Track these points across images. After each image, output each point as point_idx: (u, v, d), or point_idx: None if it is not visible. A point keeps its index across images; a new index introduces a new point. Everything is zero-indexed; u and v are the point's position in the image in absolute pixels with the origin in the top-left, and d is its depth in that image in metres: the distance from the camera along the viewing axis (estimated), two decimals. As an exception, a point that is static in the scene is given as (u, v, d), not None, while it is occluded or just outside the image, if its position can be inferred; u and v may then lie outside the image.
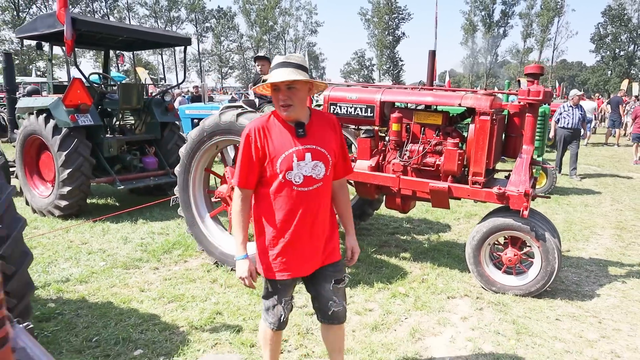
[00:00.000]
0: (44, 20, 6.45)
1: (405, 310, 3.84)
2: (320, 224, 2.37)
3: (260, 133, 2.27)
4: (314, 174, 2.28)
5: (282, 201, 2.29)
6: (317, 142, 2.31)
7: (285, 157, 2.24)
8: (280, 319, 2.48)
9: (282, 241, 2.33)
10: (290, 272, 2.36)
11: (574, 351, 3.26)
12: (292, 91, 2.21)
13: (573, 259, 5.12)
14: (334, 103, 4.74)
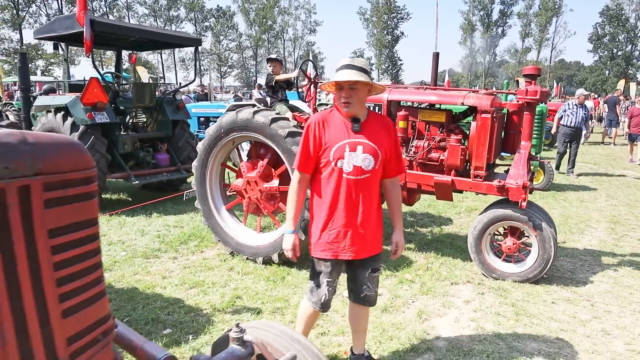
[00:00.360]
0: (63, 22, 6.71)
1: (412, 294, 4.12)
2: (366, 213, 2.59)
3: (319, 124, 2.55)
4: (363, 166, 2.52)
5: (332, 186, 2.55)
6: (369, 138, 2.55)
7: (339, 147, 2.51)
8: (322, 300, 2.67)
9: (330, 224, 2.58)
10: (332, 251, 2.60)
11: (568, 330, 3.55)
12: (353, 91, 2.48)
13: (568, 250, 5.42)
14: (344, 102, 5.00)
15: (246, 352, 1.77)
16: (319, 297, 2.69)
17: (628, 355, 3.23)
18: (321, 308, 2.71)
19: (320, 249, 2.62)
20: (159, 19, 67.03)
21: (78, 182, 1.26)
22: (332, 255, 2.60)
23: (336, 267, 2.68)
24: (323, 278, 2.66)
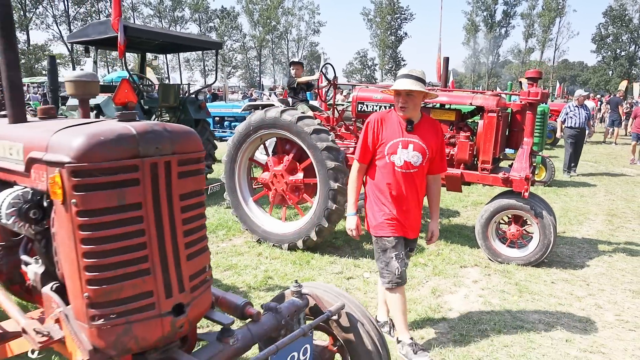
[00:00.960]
0: (96, 28, 7.19)
1: (425, 275, 4.59)
2: (413, 202, 3.01)
3: (378, 122, 2.98)
4: (412, 161, 2.93)
5: (385, 176, 2.98)
6: (420, 138, 2.95)
7: (393, 143, 2.93)
8: (396, 273, 2.97)
9: (385, 207, 3.01)
10: (394, 230, 2.99)
11: (565, 304, 4.01)
12: (409, 97, 2.89)
13: (568, 238, 5.87)
14: (362, 102, 5.49)
15: (303, 303, 2.22)
16: (392, 272, 2.98)
17: (617, 324, 3.68)
18: (398, 281, 2.99)
19: (381, 228, 3.01)
20: (164, 19, 67.49)
21: (196, 160, 1.74)
22: (393, 233, 2.99)
23: (399, 242, 3.03)
24: (391, 253, 3.00)
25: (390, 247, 3.01)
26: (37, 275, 1.73)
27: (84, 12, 62.01)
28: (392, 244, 3.01)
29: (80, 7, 61.17)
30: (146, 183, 1.52)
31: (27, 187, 1.68)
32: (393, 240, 3.01)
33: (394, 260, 2.99)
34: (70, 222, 1.44)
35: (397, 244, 3.02)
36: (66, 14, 60.32)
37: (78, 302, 1.51)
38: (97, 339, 1.51)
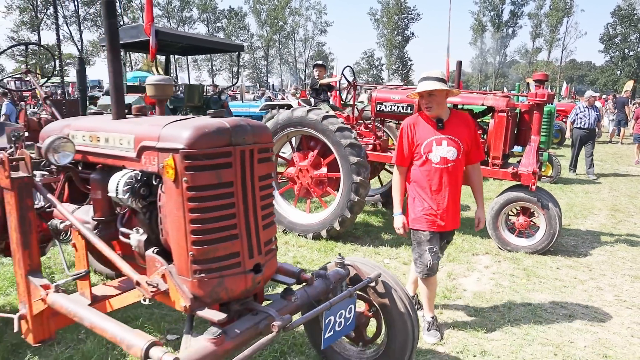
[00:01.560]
0: (128, 32, 7.64)
1: (440, 262, 4.96)
2: (451, 195, 3.21)
3: (410, 127, 3.24)
4: (448, 156, 3.15)
5: (425, 174, 3.22)
6: (452, 133, 3.16)
7: (428, 142, 3.16)
8: (428, 265, 3.23)
9: (423, 203, 3.24)
10: (429, 225, 3.22)
11: (569, 286, 4.40)
12: (431, 97, 3.12)
13: (572, 230, 6.25)
14: (380, 102, 5.90)
15: (345, 272, 2.64)
16: (424, 264, 3.27)
17: (616, 303, 4.07)
18: (429, 272, 3.28)
19: (419, 222, 3.26)
20: (172, 20, 68.06)
21: (269, 149, 2.16)
22: (429, 228, 3.24)
23: (434, 237, 3.27)
24: (425, 246, 3.26)
25: (425, 240, 3.27)
26: (140, 242, 2.15)
27: (94, 13, 62.77)
28: (427, 238, 3.26)
29: (90, 7, 61.90)
30: (236, 166, 1.94)
31: (136, 169, 2.11)
32: (428, 234, 3.26)
33: (427, 253, 3.27)
34: (181, 196, 1.86)
35: (432, 239, 3.27)
36: (76, 15, 61.09)
37: (182, 260, 1.94)
38: (197, 289, 1.93)
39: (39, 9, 58.23)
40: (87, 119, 2.69)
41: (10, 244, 2.41)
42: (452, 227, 3.33)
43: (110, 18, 2.27)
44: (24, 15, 57.21)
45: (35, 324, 2.41)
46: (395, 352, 2.71)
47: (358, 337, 2.90)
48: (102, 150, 2.27)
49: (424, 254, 3.29)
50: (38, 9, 58.03)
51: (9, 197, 2.31)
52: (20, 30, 57.40)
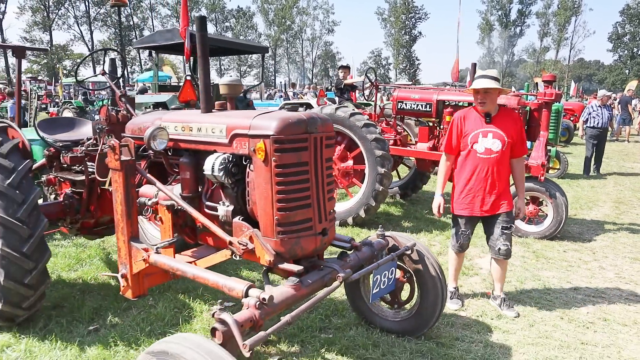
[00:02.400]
0: (163, 35, 8.20)
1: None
2: (494, 183, 3.53)
3: (461, 119, 3.63)
4: (493, 148, 3.49)
5: (469, 162, 3.59)
6: (498, 127, 3.50)
7: (475, 134, 3.53)
8: (458, 244, 3.79)
9: (465, 189, 3.60)
10: (468, 210, 3.64)
11: (574, 266, 4.90)
12: (487, 94, 3.47)
13: (578, 220, 6.73)
14: (401, 101, 6.41)
15: (386, 242, 3.16)
16: (456, 242, 3.81)
17: (616, 279, 4.57)
18: (459, 249, 3.83)
19: (458, 207, 3.70)
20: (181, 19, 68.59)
21: (332, 137, 2.68)
22: (466, 213, 3.66)
23: (470, 222, 3.72)
24: (459, 228, 3.75)
25: (462, 223, 3.75)
26: (228, 211, 2.67)
27: (104, 13, 63.63)
28: (463, 222, 3.74)
29: (100, 8, 62.75)
30: (311, 149, 2.47)
31: (227, 153, 2.63)
32: (464, 218, 3.72)
33: (459, 234, 3.78)
34: (269, 172, 2.39)
35: (467, 223, 3.73)
36: (87, 15, 61.97)
37: (268, 224, 2.46)
38: (279, 247, 2.46)
39: (50, 10, 59.12)
40: (177, 112, 3.21)
41: (115, 215, 2.95)
42: (496, 210, 3.62)
43: (202, 31, 2.78)
44: (36, 15, 58.12)
45: (134, 282, 2.95)
46: (427, 310, 3.23)
47: (393, 300, 3.42)
48: (195, 137, 2.81)
49: (457, 234, 3.79)
50: (50, 9, 58.92)
51: (116, 177, 2.85)
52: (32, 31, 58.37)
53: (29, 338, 3.35)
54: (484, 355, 3.19)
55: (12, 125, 3.74)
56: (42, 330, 3.47)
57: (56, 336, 3.36)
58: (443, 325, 3.58)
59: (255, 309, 2.14)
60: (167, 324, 3.58)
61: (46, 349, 3.24)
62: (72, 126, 4.57)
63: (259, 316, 2.14)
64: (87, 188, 3.76)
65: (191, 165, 2.88)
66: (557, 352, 3.23)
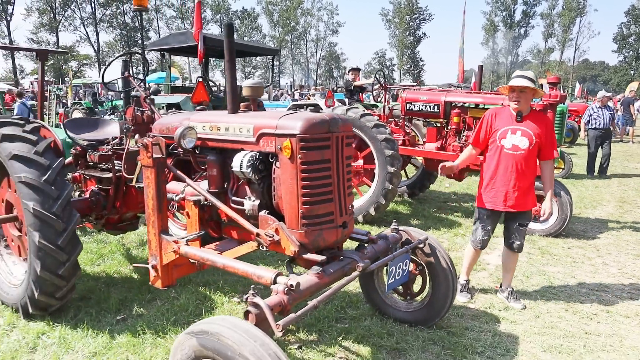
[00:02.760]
0: (176, 37, 8.41)
1: (465, 242, 5.66)
2: (518, 180, 3.61)
3: (492, 116, 3.77)
4: (520, 145, 3.61)
5: (496, 157, 3.70)
6: (527, 126, 3.62)
7: (504, 130, 3.67)
8: (478, 239, 3.84)
9: (491, 183, 3.71)
10: (491, 203, 3.72)
11: (579, 262, 5.07)
12: (522, 93, 3.61)
13: (582, 218, 6.89)
14: (410, 102, 6.60)
15: (399, 236, 3.34)
16: (476, 237, 3.89)
17: (619, 274, 4.74)
18: (478, 245, 3.91)
19: (481, 200, 3.80)
20: (186, 21, 68.96)
21: (351, 136, 2.87)
22: (489, 207, 3.76)
23: (492, 217, 3.79)
24: (480, 223, 3.85)
25: (483, 217, 3.85)
26: (254, 206, 2.85)
27: (110, 14, 64.05)
28: (485, 215, 3.84)
29: (106, 9, 63.18)
30: (332, 147, 2.66)
31: (254, 151, 2.82)
32: (486, 212, 3.82)
33: (480, 229, 3.88)
34: (295, 169, 2.58)
35: (488, 217, 3.82)
36: (93, 16, 62.38)
37: (293, 217, 2.65)
38: (304, 238, 2.64)
39: (57, 11, 59.52)
40: (204, 113, 3.40)
41: (146, 209, 3.14)
42: (518, 208, 3.73)
43: (229, 37, 2.97)
44: (42, 17, 58.54)
45: (164, 272, 3.14)
46: (439, 301, 3.41)
47: (406, 292, 3.61)
48: (222, 137, 3.00)
49: (478, 229, 3.89)
50: (56, 10, 59.32)
51: (148, 173, 3.04)
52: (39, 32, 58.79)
53: (62, 326, 3.54)
54: (493, 343, 3.36)
55: (45, 125, 3.95)
56: (72, 319, 3.67)
57: (87, 325, 3.56)
58: (453, 316, 3.76)
59: (283, 295, 2.33)
60: (190, 314, 3.77)
61: (78, 336, 3.43)
62: (96, 126, 4.77)
63: (287, 301, 2.32)
64: (113, 185, 3.96)
65: (218, 162, 3.08)
66: (562, 341, 3.41)
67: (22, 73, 59.42)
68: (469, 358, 3.17)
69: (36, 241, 3.27)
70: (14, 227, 3.97)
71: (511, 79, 3.73)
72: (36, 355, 3.24)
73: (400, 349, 3.26)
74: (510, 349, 3.30)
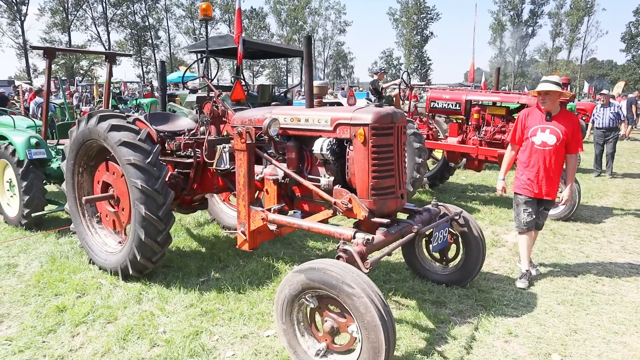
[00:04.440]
0: (216, 40, 9.16)
1: (485, 225, 6.39)
2: (547, 171, 4.21)
3: (525, 115, 4.37)
4: (548, 141, 4.19)
5: (528, 152, 4.31)
6: (555, 125, 4.18)
7: (534, 128, 4.26)
8: (523, 222, 4.35)
9: (524, 174, 4.32)
10: (524, 190, 4.33)
11: (586, 240, 5.79)
12: (548, 95, 4.17)
13: (589, 206, 7.60)
14: (433, 100, 7.32)
15: (438, 209, 4.06)
16: (520, 221, 4.38)
17: (622, 250, 5.46)
18: (524, 228, 4.37)
19: (519, 188, 4.40)
20: (195, 20, 69.72)
21: (406, 127, 3.60)
22: (525, 193, 4.36)
23: (529, 201, 4.35)
24: (521, 207, 4.38)
25: (522, 202, 4.39)
26: (330, 182, 3.58)
27: (120, 14, 65.02)
28: (523, 201, 4.38)
29: (117, 9, 64.12)
30: (394, 135, 3.40)
31: (330, 137, 3.55)
32: (524, 198, 4.37)
33: (522, 213, 4.39)
34: (367, 151, 3.31)
35: (527, 202, 4.35)
36: (104, 16, 63.35)
37: (364, 189, 3.38)
38: (372, 206, 3.38)
39: (69, 11, 60.47)
40: (283, 108, 4.12)
41: (237, 186, 3.87)
42: (546, 196, 4.34)
43: (308, 47, 3.69)
44: (55, 17, 59.53)
45: (251, 237, 3.89)
46: (471, 264, 4.15)
47: (442, 257, 4.34)
48: (302, 126, 3.72)
49: (520, 214, 4.42)
50: (68, 10, 60.28)
51: (241, 156, 3.78)
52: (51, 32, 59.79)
53: (157, 286, 4.30)
54: (515, 298, 4.10)
55: (140, 118, 4.69)
56: (163, 280, 4.43)
57: (177, 284, 4.31)
58: (481, 279, 4.49)
59: (362, 246, 3.07)
60: (260, 277, 4.52)
61: (172, 293, 4.19)
62: (167, 120, 5.51)
63: (365, 251, 3.06)
64: (194, 169, 4.70)
65: (296, 147, 3.82)
66: (572, 297, 4.14)
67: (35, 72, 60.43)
68: (497, 308, 3.91)
69: (143, 213, 4.02)
70: (109, 204, 4.72)
71: (540, 82, 4.31)
72: (142, 305, 3.99)
73: (440, 302, 4.00)
74: (530, 302, 4.03)
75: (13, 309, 3.94)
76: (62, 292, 4.20)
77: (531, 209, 4.38)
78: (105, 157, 4.69)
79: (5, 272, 4.72)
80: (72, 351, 3.30)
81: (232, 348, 3.33)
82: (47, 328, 3.58)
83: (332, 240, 5.67)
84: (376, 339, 2.57)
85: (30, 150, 5.81)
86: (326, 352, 2.92)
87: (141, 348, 3.31)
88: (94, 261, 4.75)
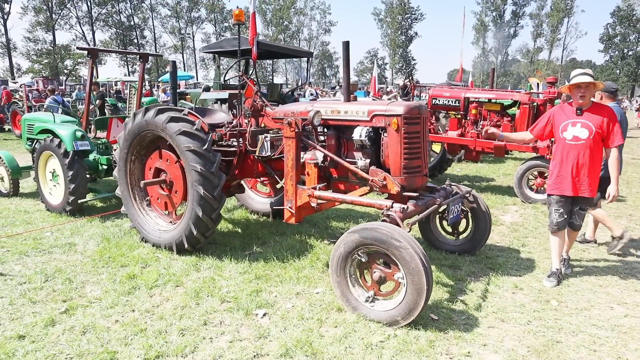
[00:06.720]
0: (229, 42, 9.77)
1: (483, 208, 7.16)
2: (581, 167, 4.03)
3: (553, 114, 4.33)
4: (580, 135, 4.04)
5: (559, 148, 4.21)
6: (587, 118, 4.04)
7: (565, 124, 4.16)
8: (554, 222, 4.27)
9: (557, 172, 4.22)
10: (558, 190, 4.23)
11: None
12: (587, 88, 4.03)
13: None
14: (435, 98, 8.09)
15: (452, 189, 4.80)
16: (551, 221, 4.31)
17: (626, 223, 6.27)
18: (554, 228, 4.31)
19: (551, 187, 4.32)
20: (181, 20, 69.63)
21: (428, 119, 4.34)
22: (557, 192, 4.26)
23: (561, 201, 4.21)
24: (552, 207, 4.32)
25: (554, 202, 4.31)
26: (366, 163, 4.28)
27: (105, 13, 64.69)
28: (555, 200, 4.30)
29: (102, 8, 63.79)
30: (421, 124, 4.13)
31: (367, 126, 4.26)
32: (556, 197, 4.28)
33: (553, 212, 4.32)
34: (399, 137, 4.03)
35: (559, 202, 4.23)
36: (89, 15, 62.99)
37: (397, 168, 4.10)
38: (403, 182, 4.10)
39: (53, 10, 59.97)
40: (324, 101, 4.84)
41: (285, 168, 4.54)
42: (581, 193, 4.14)
43: (346, 50, 4.38)
44: (39, 16, 58.99)
45: (297, 212, 4.58)
46: (479, 235, 4.90)
47: (454, 231, 5.09)
48: (342, 117, 4.42)
49: (551, 213, 4.33)
50: (52, 9, 59.77)
51: (290, 142, 4.46)
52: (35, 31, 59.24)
53: (210, 258, 4.94)
54: (518, 261, 4.90)
55: (191, 111, 5.33)
56: (214, 254, 5.07)
57: (228, 256, 4.97)
58: (487, 249, 5.25)
59: (400, 213, 3.79)
60: (298, 250, 5.20)
61: (225, 264, 4.83)
62: (204, 114, 6.14)
63: (401, 217, 3.79)
64: (237, 156, 5.36)
65: (335, 135, 4.52)
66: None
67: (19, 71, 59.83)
68: (504, 269, 4.67)
69: (201, 192, 4.68)
70: (161, 188, 5.33)
71: (573, 77, 4.12)
72: (201, 273, 4.64)
73: (455, 266, 4.75)
74: (529, 266, 4.82)
75: (89, 277, 4.54)
76: (127, 264, 4.81)
77: (563, 209, 4.26)
78: (157, 146, 5.30)
79: (68, 249, 5.30)
80: (155, 306, 3.94)
81: (290, 301, 4.01)
82: (126, 291, 4.20)
83: (351, 220, 6.39)
84: (419, 282, 3.28)
85: (77, 142, 6.39)
86: (374, 298, 3.63)
87: (213, 303, 3.96)
88: (146, 239, 5.35)
